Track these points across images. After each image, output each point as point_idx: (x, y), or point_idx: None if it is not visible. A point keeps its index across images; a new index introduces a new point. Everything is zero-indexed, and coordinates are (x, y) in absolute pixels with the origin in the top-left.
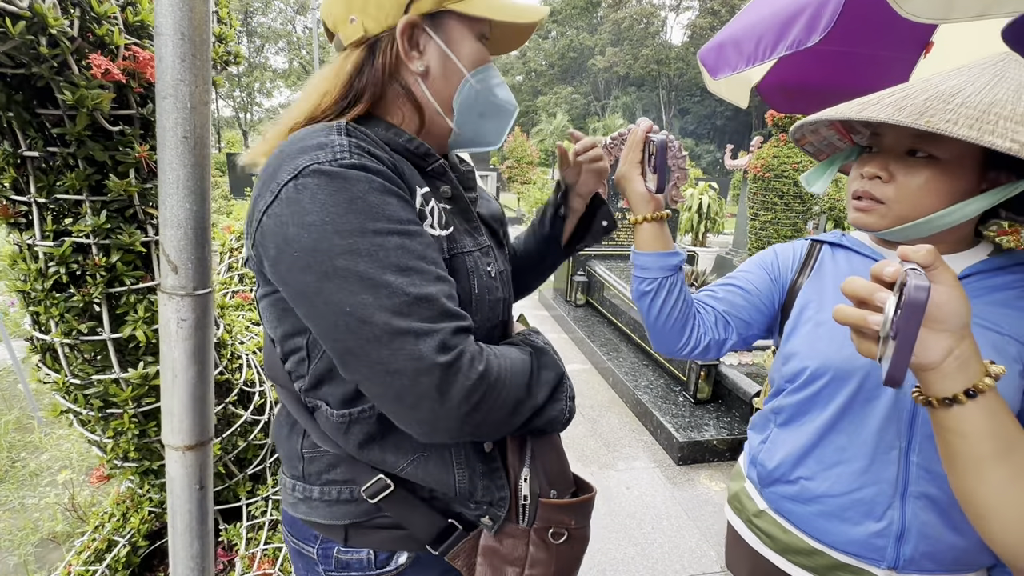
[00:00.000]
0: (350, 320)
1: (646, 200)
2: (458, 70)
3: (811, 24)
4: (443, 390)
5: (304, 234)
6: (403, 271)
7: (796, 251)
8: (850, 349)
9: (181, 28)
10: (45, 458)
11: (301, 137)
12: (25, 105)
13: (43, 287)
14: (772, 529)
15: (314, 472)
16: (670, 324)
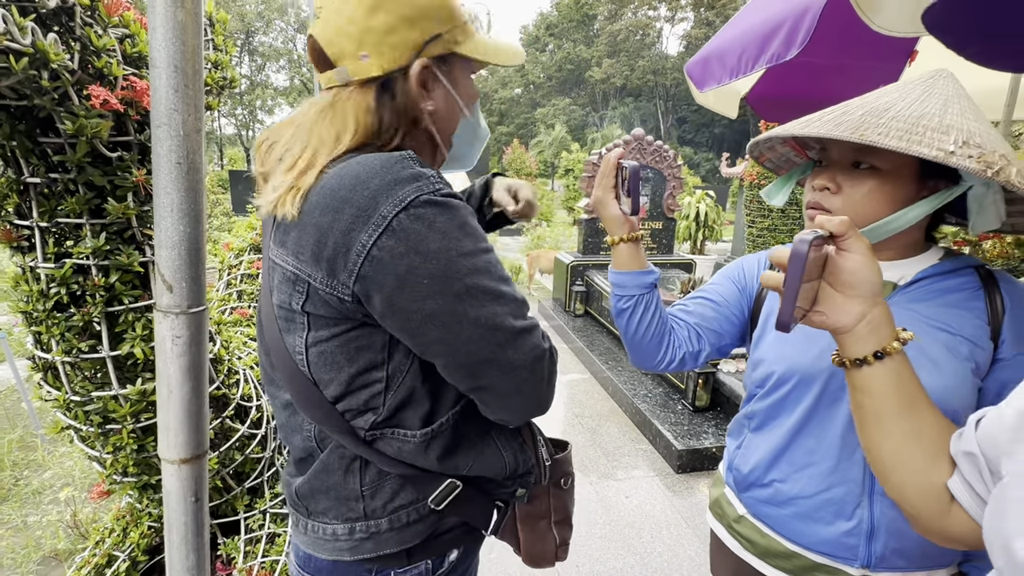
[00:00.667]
0: (484, 331)
1: (621, 222)
2: (459, 107)
3: (789, 39)
4: (550, 370)
5: (430, 262)
6: (505, 280)
7: (761, 262)
8: (813, 353)
9: (174, 61)
10: (48, 476)
11: (383, 168)
12: (28, 134)
13: (45, 307)
14: (751, 534)
15: (379, 506)
16: (647, 339)
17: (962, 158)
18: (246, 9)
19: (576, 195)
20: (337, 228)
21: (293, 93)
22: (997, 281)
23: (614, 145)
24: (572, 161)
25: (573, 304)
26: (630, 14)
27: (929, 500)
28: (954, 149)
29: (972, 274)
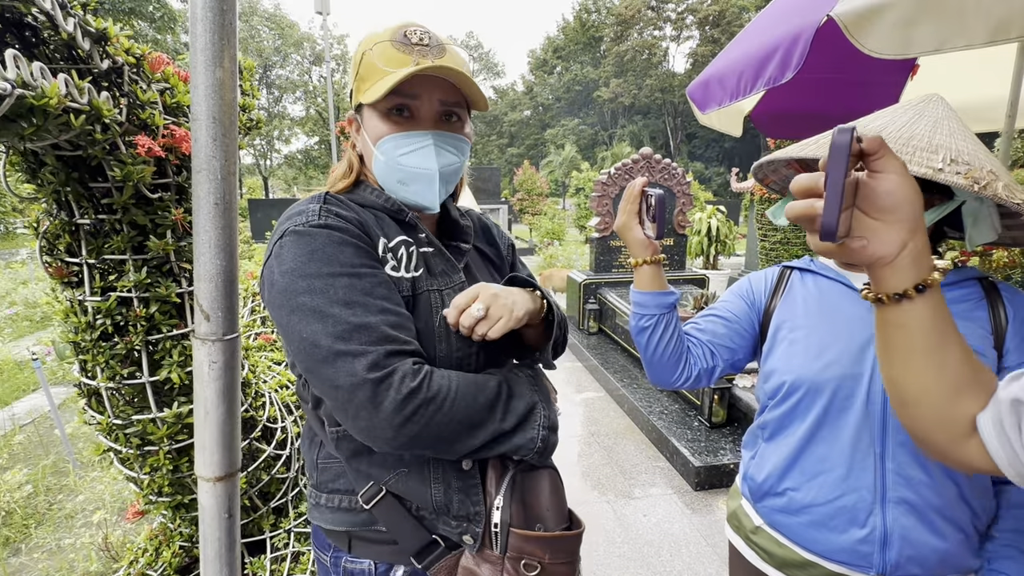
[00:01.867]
0: (306, 345)
1: (645, 245)
2: (370, 147)
3: (784, 62)
4: (376, 402)
5: (281, 279)
6: (348, 304)
7: (768, 277)
8: (821, 364)
9: (213, 113)
10: (80, 500)
11: (293, 207)
12: (80, 180)
13: (91, 337)
14: (768, 544)
15: (324, 481)
16: (666, 357)
17: (950, 174)
18: (264, 45)
19: (587, 214)
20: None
21: (309, 123)
22: (1000, 292)
23: (623, 165)
24: (583, 180)
25: (587, 322)
26: (636, 35)
27: (947, 430)
28: (942, 166)
29: (975, 285)
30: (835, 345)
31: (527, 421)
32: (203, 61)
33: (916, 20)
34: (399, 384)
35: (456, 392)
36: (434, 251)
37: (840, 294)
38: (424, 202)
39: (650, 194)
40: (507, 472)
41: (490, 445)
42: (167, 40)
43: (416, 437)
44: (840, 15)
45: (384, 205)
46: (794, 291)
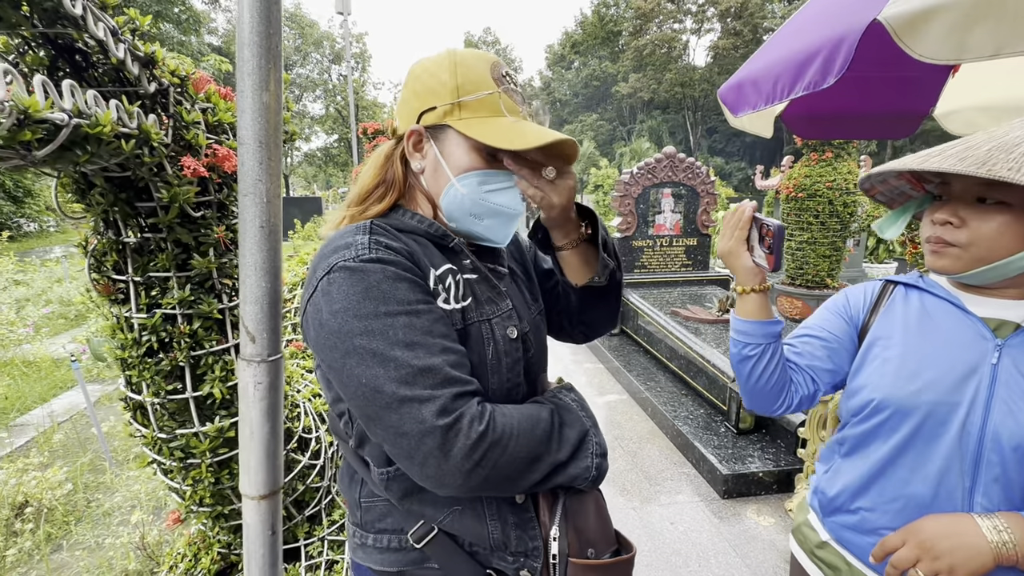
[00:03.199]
0: (366, 390)
1: (754, 273)
2: (446, 173)
3: (826, 66)
4: (445, 449)
5: (332, 319)
6: (409, 346)
7: (867, 292)
8: (914, 387)
9: (259, 137)
10: (117, 499)
11: (334, 239)
12: (127, 201)
13: (137, 353)
14: (835, 560)
15: (369, 520)
16: (769, 387)
17: None
18: (284, 44)
19: (606, 211)
20: (305, 284)
21: (328, 121)
22: None
23: (645, 165)
24: (601, 177)
25: None
26: (655, 28)
27: None
28: None
29: None
30: (933, 368)
31: (580, 450)
32: (250, 85)
33: (971, 24)
34: (468, 430)
35: (518, 430)
36: (479, 277)
37: (947, 314)
38: (496, 238)
39: (768, 224)
40: (558, 500)
41: (548, 478)
42: (191, 41)
43: (484, 480)
44: (889, 19)
45: (427, 231)
46: (895, 307)
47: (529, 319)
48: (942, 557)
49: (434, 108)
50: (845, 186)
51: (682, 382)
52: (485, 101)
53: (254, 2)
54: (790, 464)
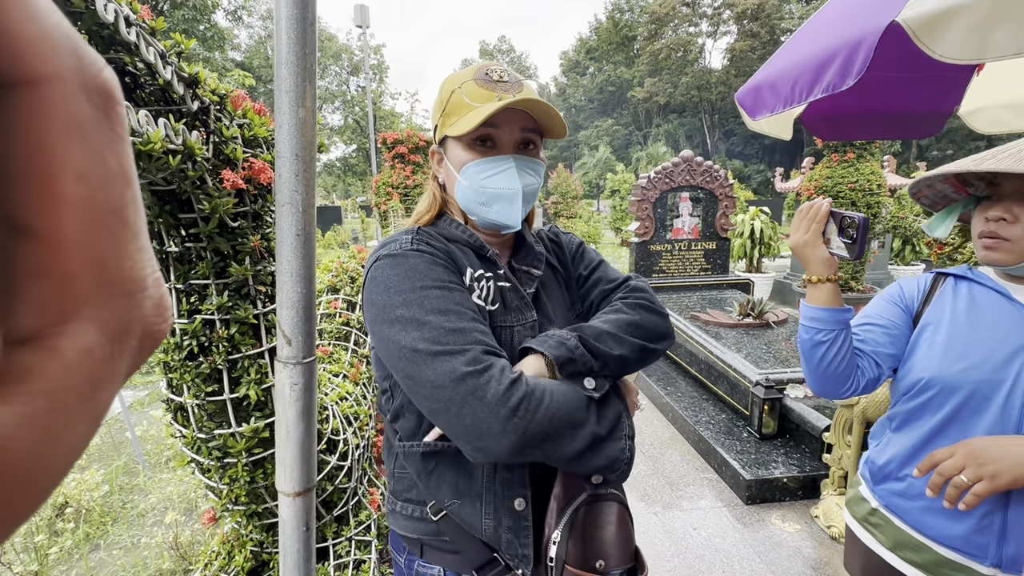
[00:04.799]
0: (406, 351)
1: (828, 264)
2: (453, 175)
3: (845, 69)
4: (479, 395)
5: (378, 297)
6: (442, 312)
7: (921, 284)
8: (961, 365)
9: (296, 150)
10: (151, 500)
11: (386, 240)
12: (171, 212)
13: (179, 357)
14: (883, 524)
15: (399, 490)
16: (839, 371)
17: None
18: None
19: (623, 216)
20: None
21: (347, 131)
22: None
23: (663, 169)
24: (618, 182)
25: None
26: (670, 32)
27: None
28: None
29: None
30: (979, 349)
31: (617, 428)
32: (288, 102)
33: (993, 23)
34: (499, 376)
35: (551, 389)
36: (510, 287)
37: (995, 303)
38: (507, 220)
39: (853, 217)
40: (571, 503)
41: (591, 450)
42: (215, 57)
43: (525, 432)
44: (908, 20)
45: (468, 240)
46: (945, 296)
47: (567, 322)
48: (987, 464)
49: (436, 127)
50: (868, 187)
51: (703, 387)
52: (454, 101)
53: (291, 24)
54: (815, 470)
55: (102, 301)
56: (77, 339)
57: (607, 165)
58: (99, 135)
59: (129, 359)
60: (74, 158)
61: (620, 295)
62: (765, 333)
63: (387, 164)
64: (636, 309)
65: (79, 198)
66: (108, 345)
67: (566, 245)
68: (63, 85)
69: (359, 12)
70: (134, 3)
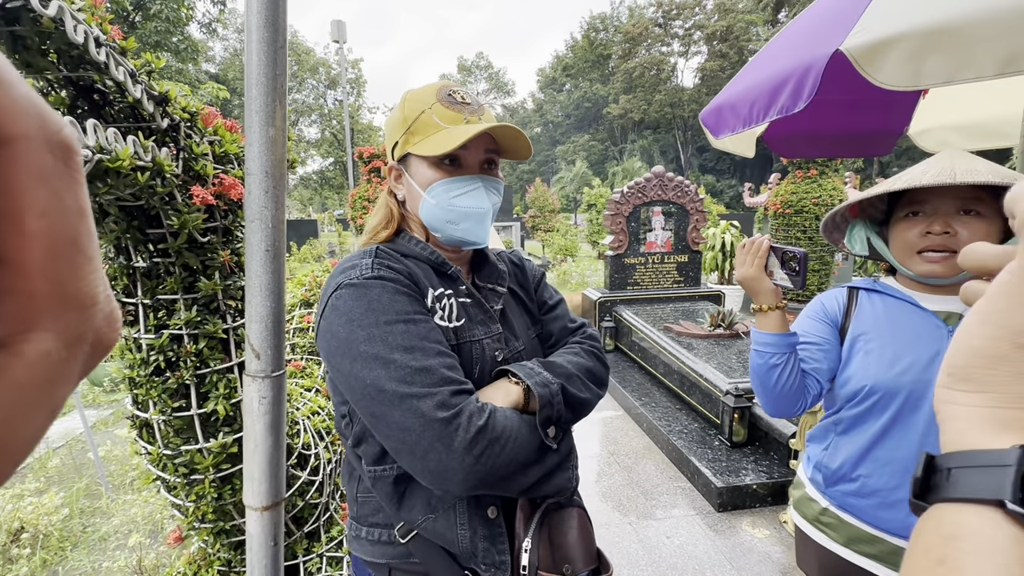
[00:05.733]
0: (371, 390)
1: (774, 294)
2: (418, 192)
3: (796, 92)
4: (446, 441)
5: (340, 330)
6: (407, 350)
7: (839, 299)
8: (896, 371)
9: (265, 168)
10: (115, 523)
11: (343, 262)
12: (139, 228)
13: (145, 373)
14: (835, 523)
15: (364, 515)
16: (792, 391)
17: None
18: None
19: (599, 229)
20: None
21: (324, 144)
22: None
23: (635, 184)
24: (594, 196)
25: (603, 340)
26: (644, 51)
27: None
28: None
29: None
30: (907, 355)
31: (566, 460)
32: (258, 121)
33: (925, 53)
34: (467, 423)
35: (516, 433)
36: (472, 302)
37: (907, 311)
38: (474, 238)
39: (794, 252)
40: (536, 512)
41: (539, 484)
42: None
43: (482, 478)
44: (850, 49)
45: (428, 257)
46: (864, 308)
47: (527, 340)
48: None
49: (396, 143)
50: (830, 202)
51: (676, 397)
52: (422, 120)
53: (262, 47)
54: (783, 476)
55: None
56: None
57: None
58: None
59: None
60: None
61: (577, 339)
62: (735, 343)
63: (364, 178)
64: (591, 356)
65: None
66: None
67: (529, 271)
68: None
69: (336, 28)
70: (104, 24)
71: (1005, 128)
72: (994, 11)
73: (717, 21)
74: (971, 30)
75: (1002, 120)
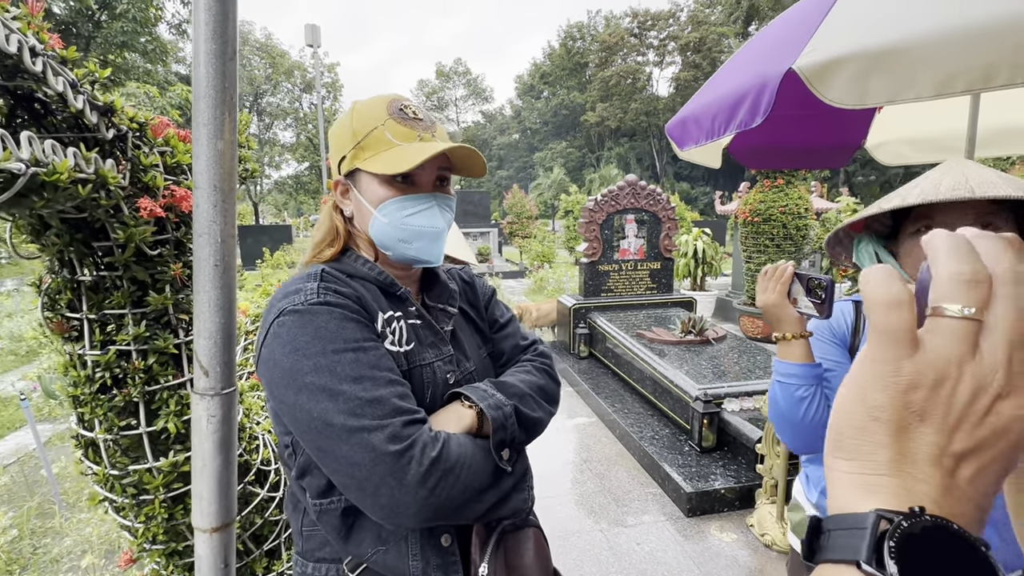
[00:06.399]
0: (318, 424)
1: (798, 321)
2: (367, 210)
3: (754, 108)
4: (398, 476)
5: (284, 359)
6: (357, 380)
7: (846, 316)
8: None
9: (214, 182)
10: (67, 543)
11: (286, 285)
12: (83, 241)
13: (90, 390)
14: None
15: (310, 549)
16: (819, 424)
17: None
18: (255, 73)
19: (576, 236)
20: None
21: (299, 149)
22: None
23: (609, 192)
24: (572, 202)
25: (577, 347)
26: (620, 60)
27: None
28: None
29: None
30: None
31: (522, 482)
32: (206, 134)
33: (871, 74)
34: (420, 456)
35: (470, 460)
36: (423, 323)
37: None
38: (428, 257)
39: (820, 279)
40: (491, 535)
41: (495, 508)
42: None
43: (438, 508)
44: (802, 68)
45: (376, 278)
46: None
47: (478, 360)
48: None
49: (344, 157)
50: (797, 211)
51: (649, 403)
52: (374, 136)
53: (209, 59)
54: (750, 480)
55: None
56: None
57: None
58: None
59: None
60: None
61: (529, 356)
62: (706, 349)
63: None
64: (542, 374)
65: None
66: None
67: (480, 289)
68: None
69: (310, 31)
70: (42, 33)
71: (956, 143)
72: (933, 36)
73: (690, 33)
74: (912, 53)
75: (952, 135)
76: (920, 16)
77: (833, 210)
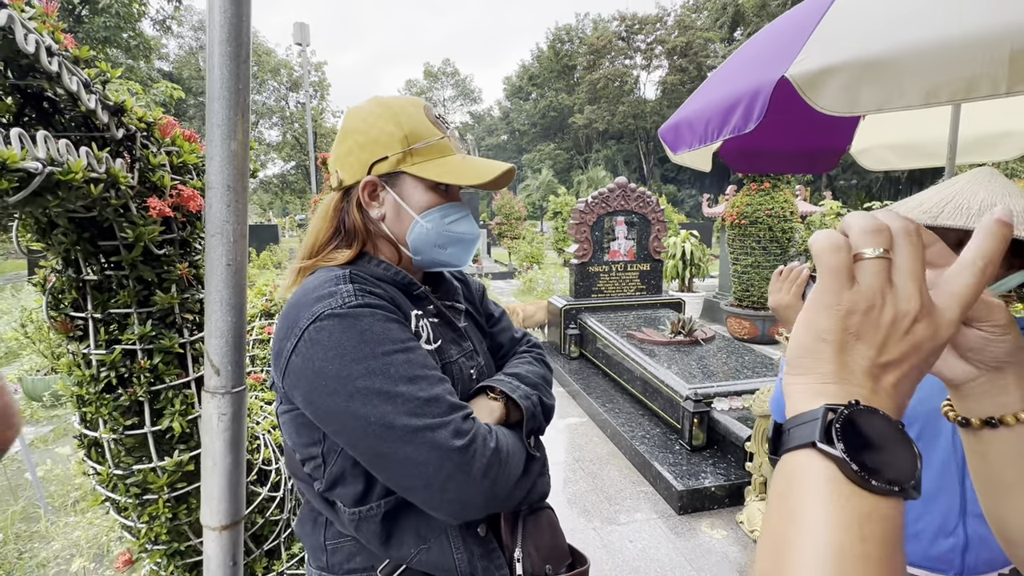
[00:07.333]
0: (377, 428)
1: None
2: (409, 215)
3: (747, 114)
4: (465, 469)
5: (329, 365)
6: (411, 380)
7: None
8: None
9: (227, 182)
10: (55, 547)
11: (312, 289)
12: (90, 240)
13: (95, 390)
14: None
15: (337, 562)
16: None
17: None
18: None
19: (565, 237)
20: (279, 335)
21: (286, 148)
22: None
23: (599, 194)
24: (560, 204)
25: (568, 347)
26: (608, 63)
27: None
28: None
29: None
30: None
31: (544, 467)
32: (219, 135)
33: (860, 83)
34: (482, 448)
35: (513, 448)
36: (441, 321)
37: None
38: (458, 262)
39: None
40: (518, 522)
41: (528, 493)
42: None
43: (496, 497)
44: (794, 76)
45: (394, 279)
46: None
47: (483, 354)
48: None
49: (386, 158)
50: (783, 214)
51: (639, 403)
52: (436, 146)
53: (224, 60)
54: (740, 478)
55: None
56: None
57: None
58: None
59: None
60: None
61: (525, 348)
62: (695, 350)
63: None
64: (541, 364)
65: None
66: None
67: (473, 285)
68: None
69: (298, 30)
70: (57, 33)
71: (938, 149)
72: (921, 48)
73: (677, 37)
74: (901, 64)
75: (935, 142)
76: (908, 28)
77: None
